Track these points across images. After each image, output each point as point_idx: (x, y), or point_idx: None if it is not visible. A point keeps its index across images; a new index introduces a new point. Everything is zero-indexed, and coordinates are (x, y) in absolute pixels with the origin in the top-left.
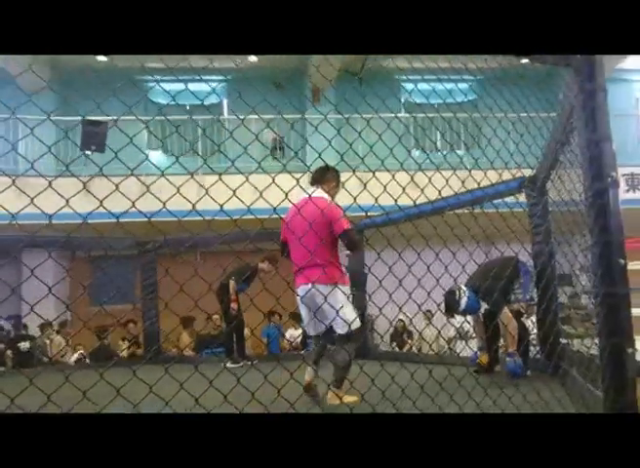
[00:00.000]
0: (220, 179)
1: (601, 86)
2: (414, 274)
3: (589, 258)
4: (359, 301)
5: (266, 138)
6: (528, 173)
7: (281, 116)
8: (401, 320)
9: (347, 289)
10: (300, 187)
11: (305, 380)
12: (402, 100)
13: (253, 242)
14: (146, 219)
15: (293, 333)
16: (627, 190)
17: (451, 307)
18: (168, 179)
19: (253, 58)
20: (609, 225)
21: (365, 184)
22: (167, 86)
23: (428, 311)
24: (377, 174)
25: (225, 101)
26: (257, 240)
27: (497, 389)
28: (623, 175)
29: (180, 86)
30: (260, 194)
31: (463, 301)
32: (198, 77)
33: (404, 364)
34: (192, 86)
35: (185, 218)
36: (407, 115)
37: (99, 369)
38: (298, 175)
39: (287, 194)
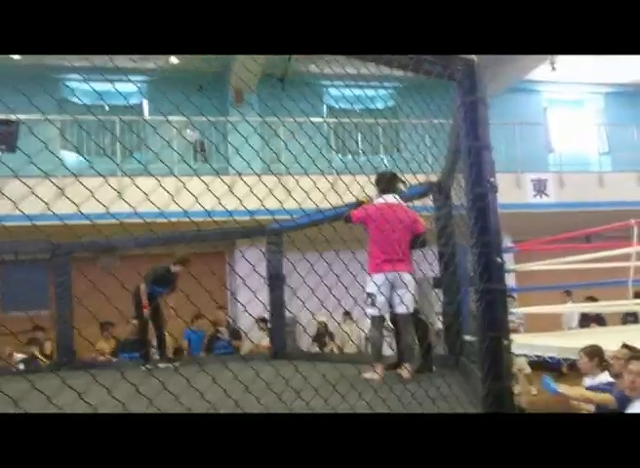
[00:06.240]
0: (134, 183)
1: (481, 98)
2: (335, 272)
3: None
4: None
5: (188, 140)
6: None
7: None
8: (322, 322)
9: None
10: (210, 191)
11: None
12: (323, 105)
13: (165, 244)
14: (61, 222)
15: None
16: (535, 195)
17: None
18: (82, 183)
19: (174, 60)
20: (488, 227)
21: (271, 190)
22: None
23: (346, 313)
24: (295, 177)
25: (146, 102)
26: (169, 242)
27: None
28: (532, 180)
29: (99, 85)
30: (172, 197)
31: None
32: (117, 78)
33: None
34: (111, 86)
35: (101, 221)
36: (321, 120)
37: None
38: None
39: (197, 198)
